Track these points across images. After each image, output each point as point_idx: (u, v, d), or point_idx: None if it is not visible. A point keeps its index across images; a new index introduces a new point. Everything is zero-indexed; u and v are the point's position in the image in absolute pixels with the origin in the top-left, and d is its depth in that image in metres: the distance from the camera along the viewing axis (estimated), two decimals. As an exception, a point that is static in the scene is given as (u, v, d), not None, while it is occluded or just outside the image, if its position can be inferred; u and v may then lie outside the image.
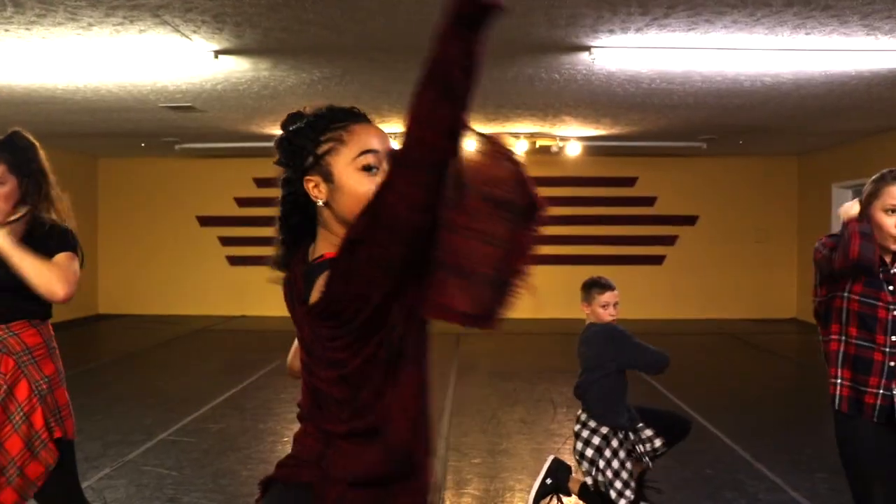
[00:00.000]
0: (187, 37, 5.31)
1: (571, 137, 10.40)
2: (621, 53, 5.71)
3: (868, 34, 5.20)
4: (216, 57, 5.79)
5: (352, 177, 1.45)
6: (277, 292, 1.68)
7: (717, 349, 9.73)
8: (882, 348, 2.56)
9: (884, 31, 5.13)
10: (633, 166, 12.45)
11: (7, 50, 5.60)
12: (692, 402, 6.20)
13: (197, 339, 10.38)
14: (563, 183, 12.25)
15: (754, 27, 5.08)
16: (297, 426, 1.64)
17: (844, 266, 2.51)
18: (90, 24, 5.00)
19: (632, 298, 11.71)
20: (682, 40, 5.40)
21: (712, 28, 5.11)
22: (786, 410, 6.30)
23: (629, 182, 12.60)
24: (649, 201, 12.60)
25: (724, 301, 12.42)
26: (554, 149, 10.65)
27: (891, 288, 2.59)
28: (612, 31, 5.21)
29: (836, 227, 10.18)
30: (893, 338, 2.57)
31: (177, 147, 11.26)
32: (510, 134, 10.17)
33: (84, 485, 4.02)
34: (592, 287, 3.60)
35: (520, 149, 10.58)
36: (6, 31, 5.12)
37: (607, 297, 3.56)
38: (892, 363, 2.55)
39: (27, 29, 5.09)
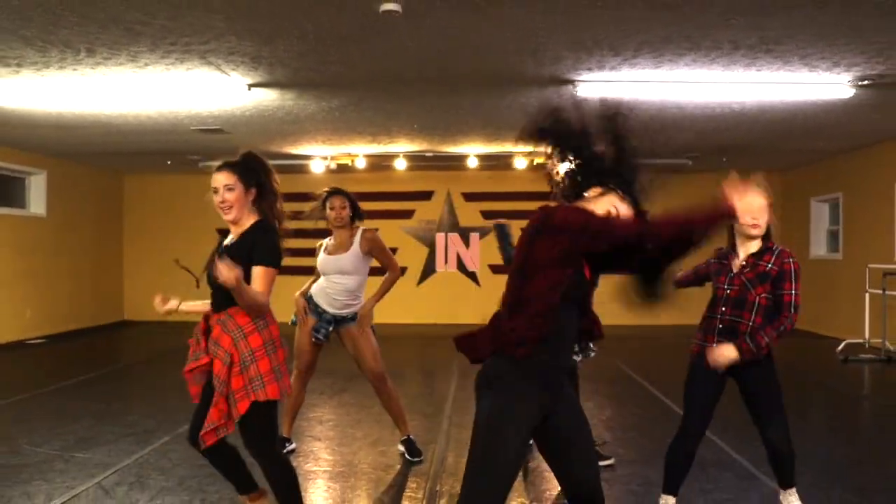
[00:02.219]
0: (226, 73, 6.19)
1: (566, 155, 11.22)
2: (601, 86, 6.56)
3: (810, 71, 6.06)
4: (249, 89, 6.68)
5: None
6: (290, 300, 2.39)
7: (701, 351, 10.49)
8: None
9: (823, 69, 5.98)
10: (625, 182, 13.28)
11: (70, 85, 6.49)
12: (672, 393, 6.95)
13: (219, 342, 11.19)
14: (560, 197, 13.05)
15: (711, 65, 5.93)
16: (316, 405, 2.47)
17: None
18: (146, 64, 5.89)
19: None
20: (652, 76, 6.26)
21: (676, 66, 5.96)
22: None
23: (621, 196, 13.44)
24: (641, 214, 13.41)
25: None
26: (549, 165, 11.46)
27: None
28: (590, 69, 6.07)
29: (814, 239, 10.94)
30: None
31: (200, 164, 12.14)
32: (509, 153, 11.03)
33: (148, 449, 4.89)
34: None
35: (519, 166, 11.45)
36: (74, 70, 6.01)
37: None
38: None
39: (92, 69, 5.98)
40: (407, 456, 4.72)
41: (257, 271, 3.00)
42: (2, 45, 5.34)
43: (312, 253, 5.02)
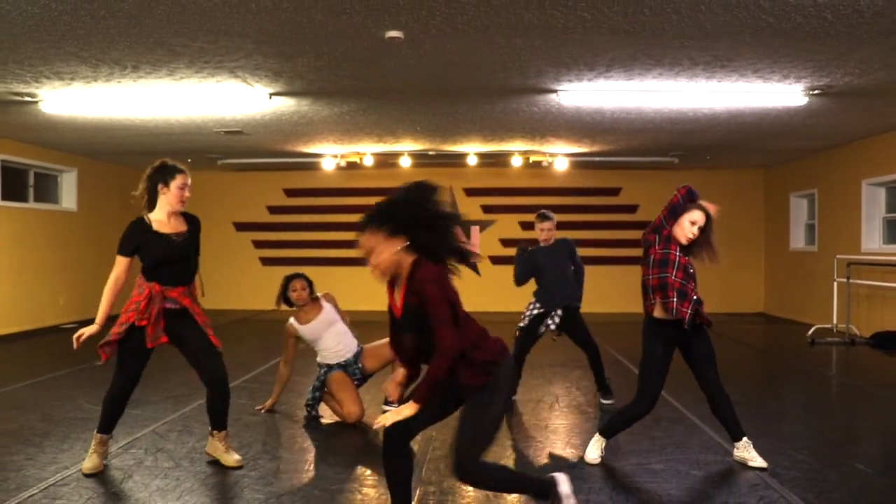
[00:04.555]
0: (251, 85, 7.05)
1: (559, 154, 12.08)
2: (581, 94, 7.39)
3: (765, 82, 6.87)
4: (270, 97, 7.53)
5: None
6: None
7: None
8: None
9: (775, 80, 6.79)
10: (617, 178, 14.12)
11: (113, 94, 7.36)
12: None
13: (236, 328, 12.07)
14: (555, 193, 13.93)
15: (676, 77, 6.75)
16: None
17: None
18: (181, 77, 6.74)
19: (617, 294, 13.44)
20: (626, 86, 7.08)
21: (645, 78, 6.78)
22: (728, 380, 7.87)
23: (614, 192, 14.28)
24: (632, 209, 14.25)
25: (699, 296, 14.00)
26: (545, 163, 12.34)
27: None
28: (570, 80, 6.90)
29: (793, 233, 11.85)
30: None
31: (219, 162, 13.03)
32: (506, 152, 11.87)
33: (189, 408, 5.77)
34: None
35: (515, 163, 12.28)
36: (118, 82, 6.88)
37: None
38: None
39: (134, 81, 6.85)
40: None
41: (198, 259, 4.41)
42: (61, 63, 6.21)
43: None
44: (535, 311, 6.04)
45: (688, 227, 4.19)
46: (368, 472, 4.33)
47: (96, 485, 3.95)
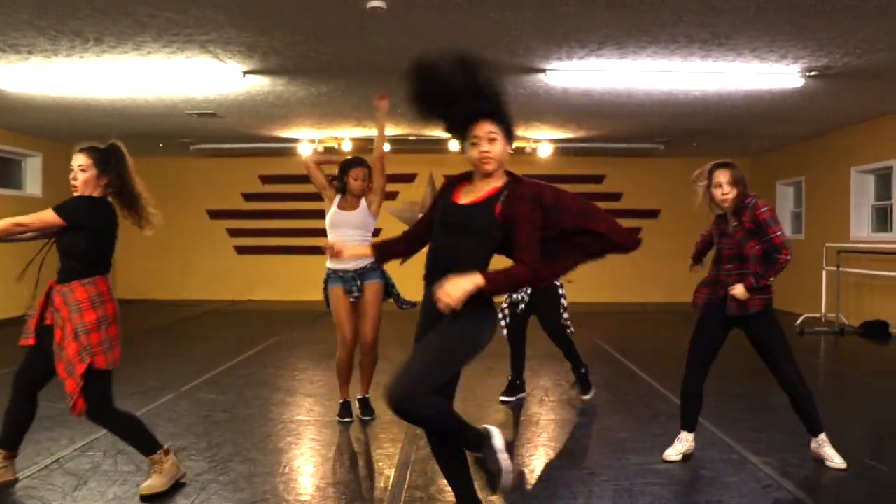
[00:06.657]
0: (223, 61, 6.64)
1: (543, 140, 11.77)
2: (571, 74, 7.07)
3: (761, 62, 6.59)
4: (244, 76, 7.13)
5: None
6: (280, 279, 2.77)
7: (674, 326, 11.06)
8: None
9: (772, 60, 6.52)
10: (600, 165, 13.85)
11: (75, 71, 6.92)
12: (637, 360, 7.50)
13: (210, 319, 11.67)
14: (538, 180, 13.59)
15: (671, 56, 6.46)
16: (307, 371, 2.98)
17: None
18: (149, 53, 6.33)
19: (602, 284, 13.18)
20: (618, 66, 6.77)
21: (639, 57, 6.48)
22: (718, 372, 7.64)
23: (598, 179, 14.00)
24: (616, 197, 13.99)
25: (684, 286, 13.74)
26: (528, 150, 12.03)
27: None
28: (560, 59, 6.58)
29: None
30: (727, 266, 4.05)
31: (191, 147, 12.55)
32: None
33: (155, 404, 5.41)
34: None
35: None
36: (81, 57, 6.45)
37: None
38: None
39: (98, 56, 6.42)
40: (359, 413, 5.09)
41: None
42: (16, 34, 5.78)
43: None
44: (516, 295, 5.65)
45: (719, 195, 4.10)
46: (350, 476, 4.00)
47: (46, 493, 3.58)
